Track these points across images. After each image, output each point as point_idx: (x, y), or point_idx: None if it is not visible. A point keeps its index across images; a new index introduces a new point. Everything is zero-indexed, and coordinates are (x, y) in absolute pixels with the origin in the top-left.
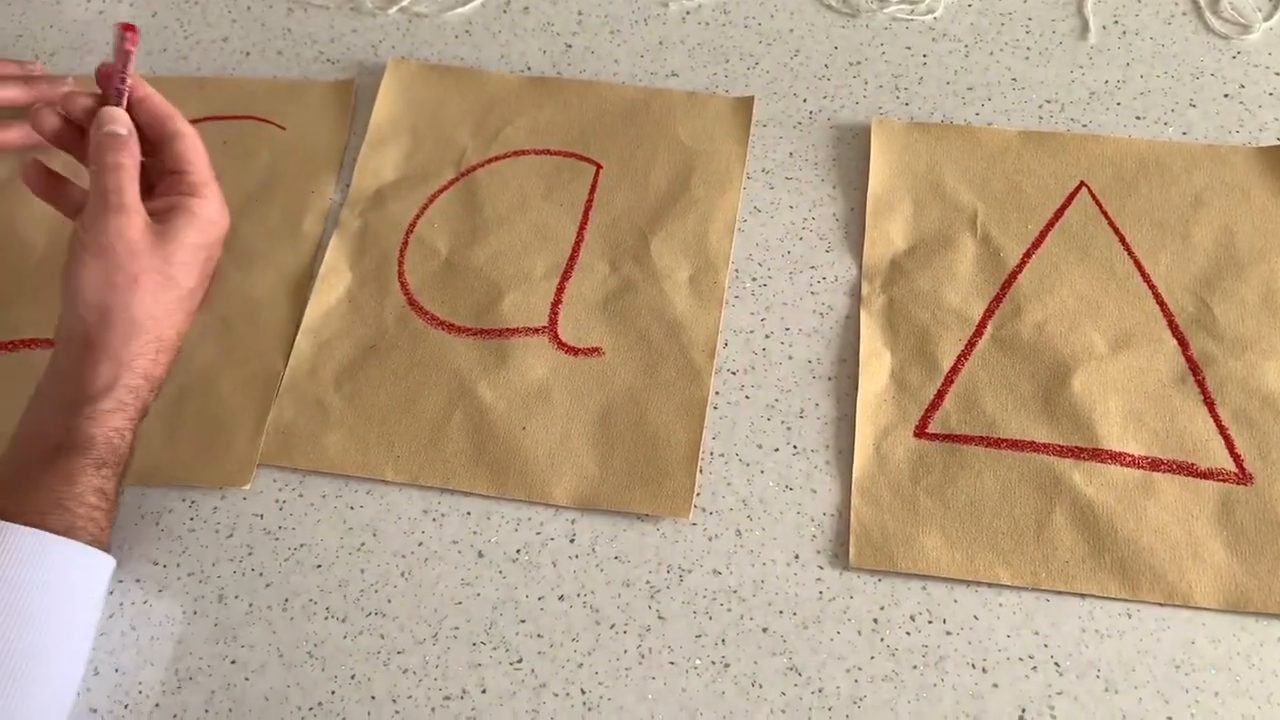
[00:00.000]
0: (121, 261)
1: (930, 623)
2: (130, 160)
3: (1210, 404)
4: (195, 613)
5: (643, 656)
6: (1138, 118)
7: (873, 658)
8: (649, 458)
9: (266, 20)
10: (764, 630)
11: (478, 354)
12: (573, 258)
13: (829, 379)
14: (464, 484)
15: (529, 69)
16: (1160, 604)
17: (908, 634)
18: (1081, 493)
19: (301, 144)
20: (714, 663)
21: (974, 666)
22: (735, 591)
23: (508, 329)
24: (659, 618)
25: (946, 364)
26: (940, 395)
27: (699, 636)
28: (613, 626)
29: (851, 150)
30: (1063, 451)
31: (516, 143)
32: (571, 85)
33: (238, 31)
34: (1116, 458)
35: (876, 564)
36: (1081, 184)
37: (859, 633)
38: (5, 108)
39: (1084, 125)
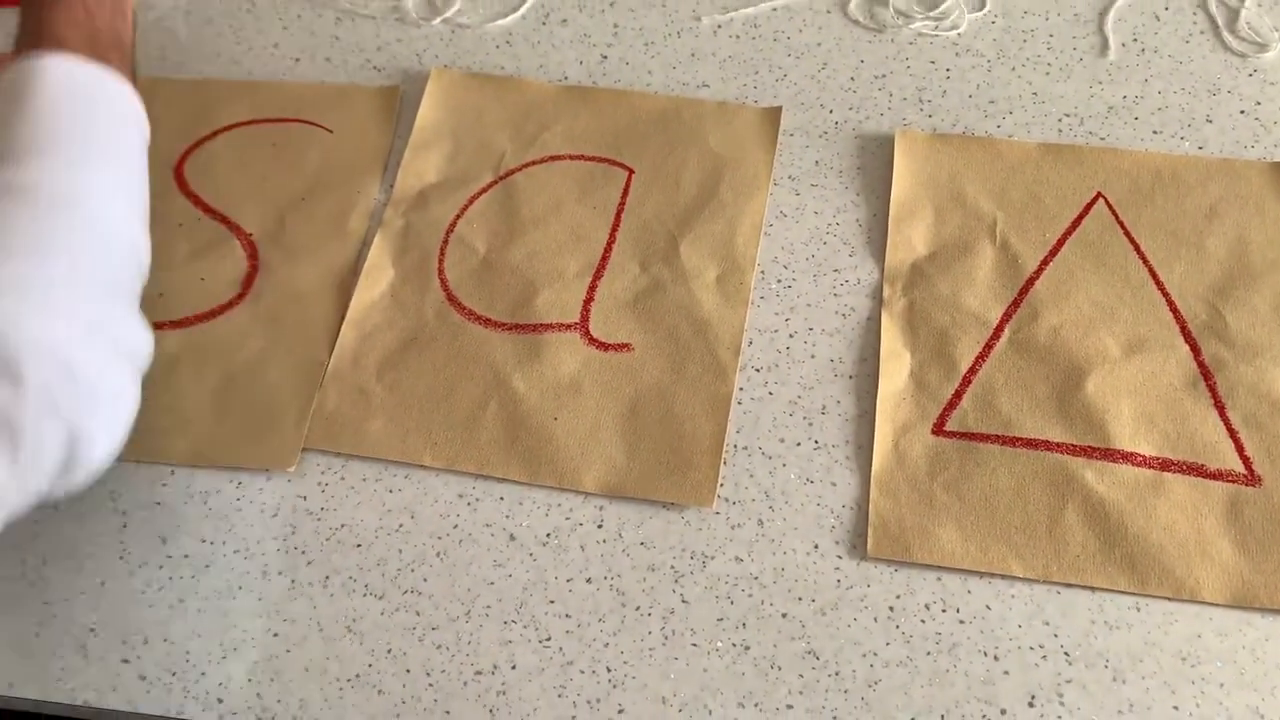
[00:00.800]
0: None
1: (944, 611)
2: None
3: (1221, 407)
4: (240, 587)
5: (666, 638)
6: (1155, 132)
7: (888, 643)
8: (675, 449)
9: (316, 29)
10: (783, 615)
11: (512, 347)
12: (605, 258)
13: (850, 377)
14: (498, 470)
15: (566, 78)
16: (1168, 599)
17: (922, 622)
18: (1093, 490)
19: (348, 146)
20: (734, 645)
21: (985, 654)
22: (756, 578)
23: (541, 324)
24: (682, 601)
25: (964, 365)
26: (958, 395)
27: (720, 620)
28: (638, 609)
29: (875, 160)
30: (1076, 451)
31: (553, 148)
32: (606, 94)
33: (288, 38)
34: (1128, 457)
35: (893, 554)
36: (1098, 195)
37: (875, 620)
38: None
39: (1102, 139)
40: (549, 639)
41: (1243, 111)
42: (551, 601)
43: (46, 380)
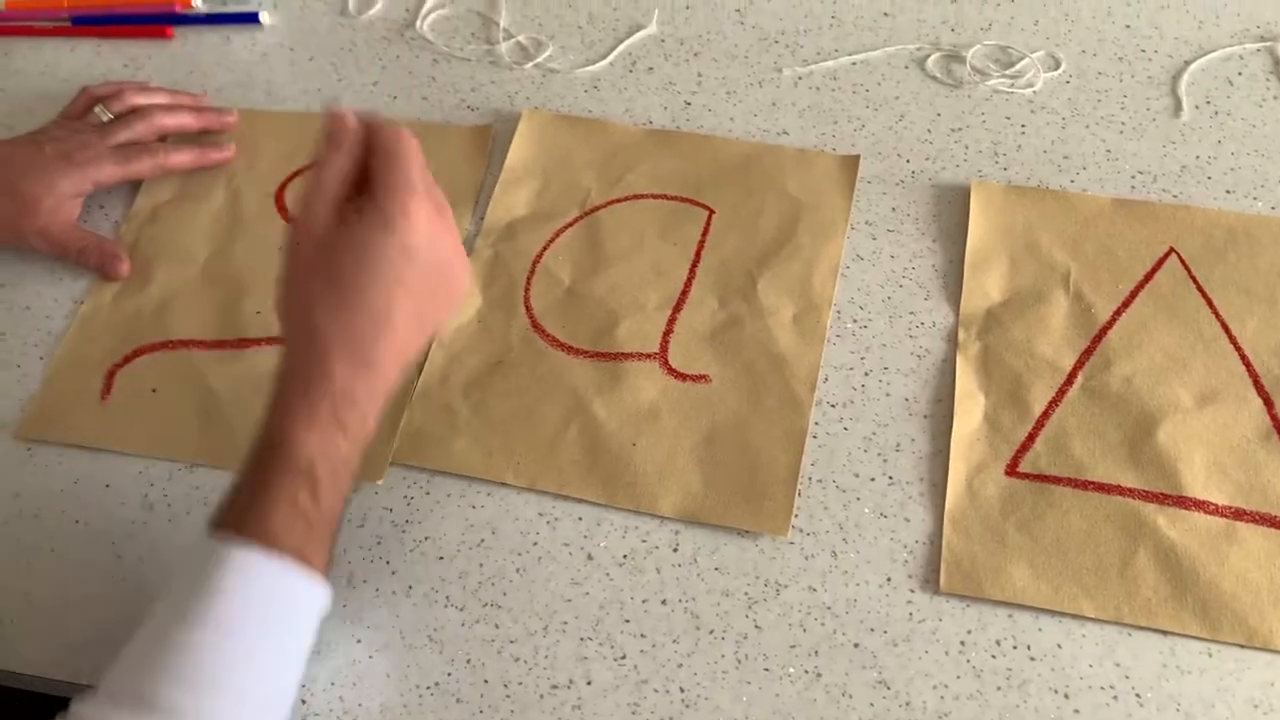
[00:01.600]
0: (289, 262)
1: (1015, 648)
2: (335, 156)
3: None
4: None
5: (739, 662)
6: (1228, 192)
7: (959, 677)
8: (751, 478)
9: (414, 69)
10: (855, 645)
11: (594, 374)
12: (684, 293)
13: (925, 416)
14: (577, 491)
15: (650, 122)
16: (1241, 645)
17: (993, 657)
18: (1165, 536)
19: (443, 179)
20: (807, 672)
21: (1056, 692)
22: (829, 608)
23: (622, 353)
24: (755, 627)
25: (1038, 409)
26: (1031, 437)
27: (793, 647)
28: (711, 632)
29: (951, 209)
30: (1147, 496)
31: (637, 187)
32: (689, 138)
33: (387, 77)
34: (1200, 505)
35: (966, 590)
36: (1171, 250)
37: (946, 653)
38: (177, 133)
39: (1175, 196)
40: (624, 657)
41: None
42: (627, 621)
43: None
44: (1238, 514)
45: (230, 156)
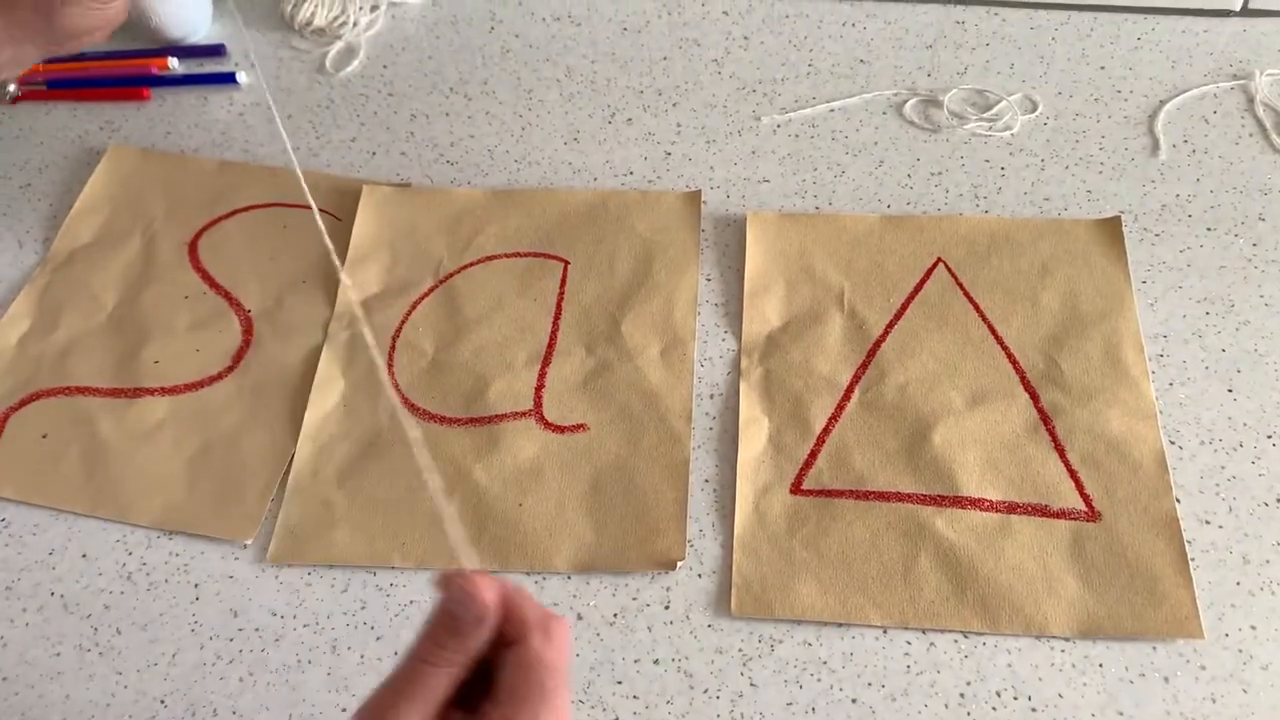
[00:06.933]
0: None
1: (1015, 699)
2: (452, 650)
3: (1060, 450)
4: (310, 661)
5: None
6: (1208, 229)
7: None
8: (641, 518)
9: (391, 125)
10: (853, 701)
11: (470, 441)
12: (550, 345)
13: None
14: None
15: (631, 173)
16: (1017, 632)
17: (993, 709)
18: (944, 537)
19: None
20: None
21: None
22: (825, 663)
23: (496, 415)
24: (751, 684)
25: (818, 426)
26: (813, 454)
27: (790, 704)
28: (706, 691)
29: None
30: (926, 500)
31: (488, 249)
32: (533, 194)
33: (366, 133)
34: (976, 503)
35: (756, 613)
36: (939, 260)
37: (946, 706)
38: None
39: (1156, 235)
40: None
41: None
42: (619, 682)
43: None
44: (1011, 507)
45: None
